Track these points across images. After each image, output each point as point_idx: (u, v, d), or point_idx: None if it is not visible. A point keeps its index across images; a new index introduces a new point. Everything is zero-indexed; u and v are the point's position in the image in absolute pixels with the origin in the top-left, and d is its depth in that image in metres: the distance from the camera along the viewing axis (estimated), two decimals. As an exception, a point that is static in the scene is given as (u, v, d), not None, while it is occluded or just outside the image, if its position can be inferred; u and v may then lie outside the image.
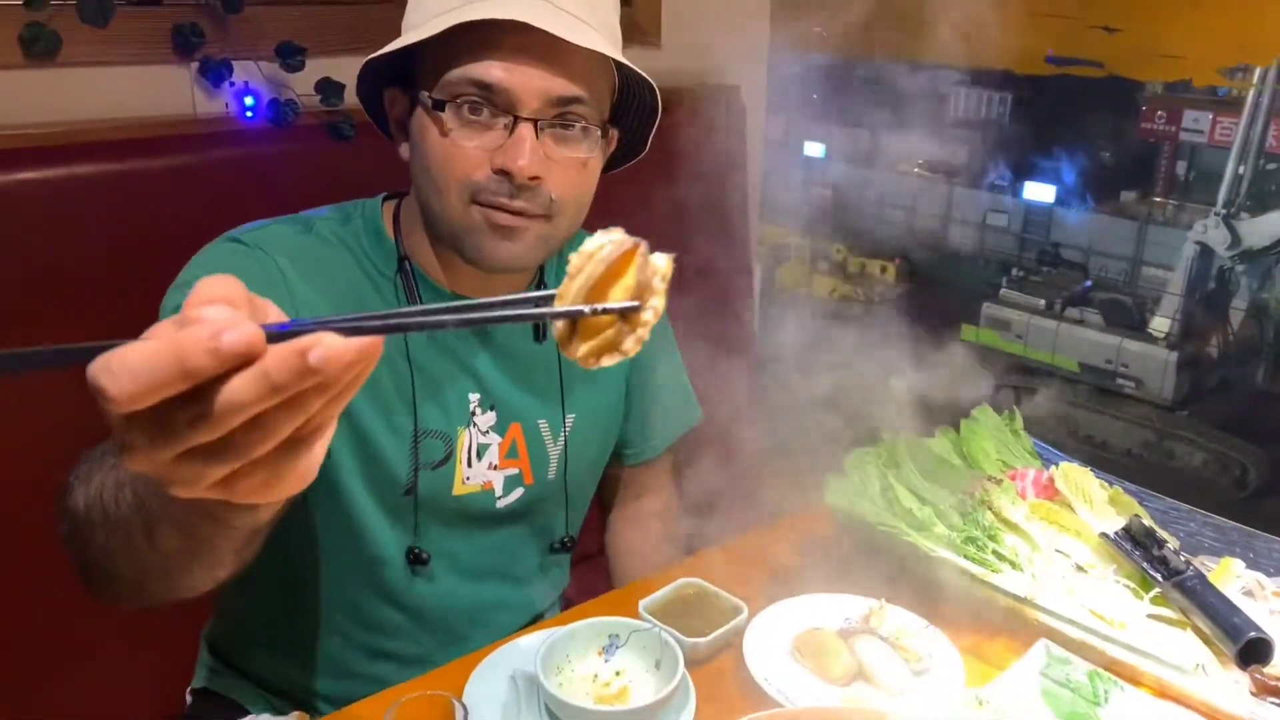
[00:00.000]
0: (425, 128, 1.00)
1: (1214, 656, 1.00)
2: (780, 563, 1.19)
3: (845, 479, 1.17)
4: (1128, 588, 1.08)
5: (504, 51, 0.96)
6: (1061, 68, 1.75)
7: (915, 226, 2.17)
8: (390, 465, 1.08)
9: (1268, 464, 1.68)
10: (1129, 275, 1.80)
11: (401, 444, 1.08)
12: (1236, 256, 1.65)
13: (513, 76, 0.96)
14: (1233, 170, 1.62)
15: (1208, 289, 1.69)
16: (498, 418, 1.14)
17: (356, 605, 1.15)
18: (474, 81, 0.96)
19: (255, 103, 1.48)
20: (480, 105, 0.97)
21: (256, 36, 1.47)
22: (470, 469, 1.13)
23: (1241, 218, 1.63)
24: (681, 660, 0.95)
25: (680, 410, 1.39)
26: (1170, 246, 1.72)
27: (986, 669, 1.03)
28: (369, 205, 1.13)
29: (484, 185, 0.98)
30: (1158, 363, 1.77)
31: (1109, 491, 1.21)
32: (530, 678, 0.97)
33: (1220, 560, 1.13)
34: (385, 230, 1.11)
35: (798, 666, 1.02)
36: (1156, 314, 1.76)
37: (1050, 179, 1.87)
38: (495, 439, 1.14)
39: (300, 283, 1.02)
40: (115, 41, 1.37)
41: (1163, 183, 1.71)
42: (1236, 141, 1.60)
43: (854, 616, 1.07)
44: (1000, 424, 1.33)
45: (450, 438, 1.11)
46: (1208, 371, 1.73)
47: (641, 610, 1.06)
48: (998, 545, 1.12)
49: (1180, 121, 1.66)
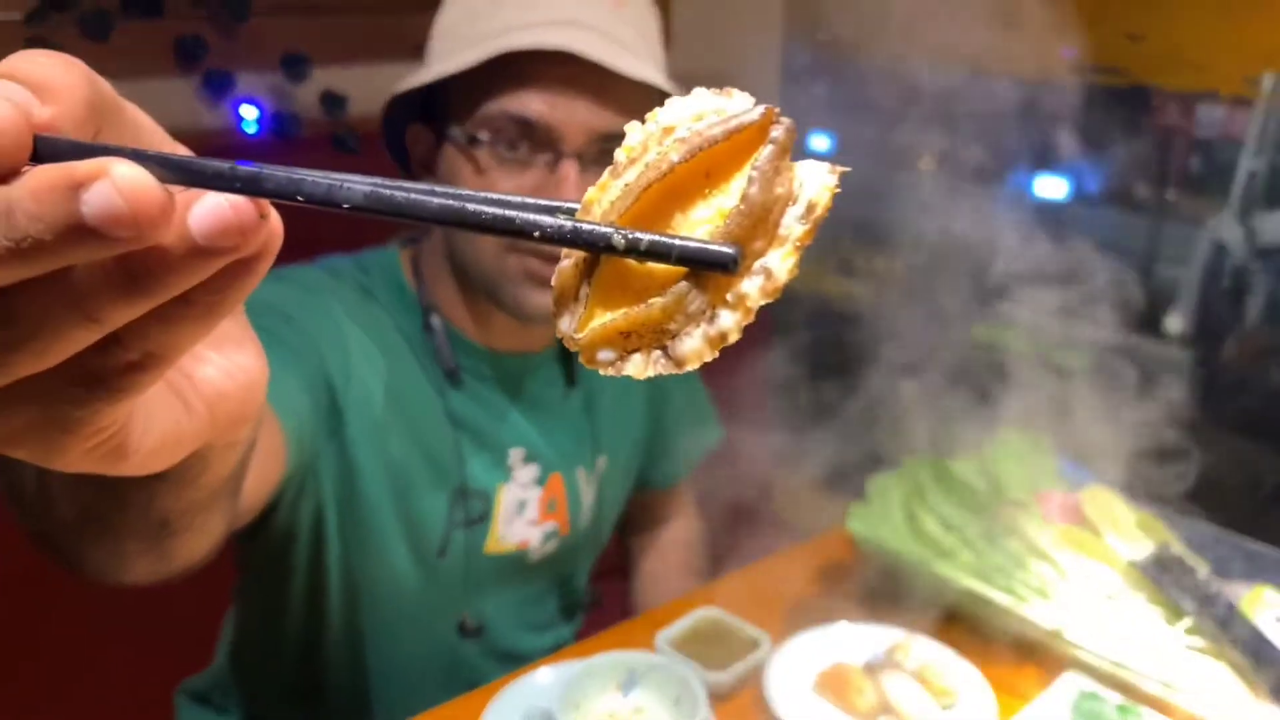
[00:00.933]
0: (456, 166, 0.93)
1: (1248, 689, 0.97)
2: (801, 591, 1.16)
3: (868, 505, 1.14)
4: (1158, 617, 1.06)
5: (545, 83, 0.88)
6: (1085, 75, 1.72)
7: (924, 223, 2.15)
8: (429, 525, 1.04)
9: (1285, 462, 1.67)
10: (1143, 272, 1.78)
11: (441, 503, 1.04)
12: (1251, 253, 1.63)
13: (555, 111, 0.89)
14: (1247, 166, 1.60)
15: (1222, 286, 1.67)
16: (540, 469, 1.11)
17: (396, 665, 1.11)
18: (512, 117, 0.89)
19: (259, 116, 1.46)
20: (518, 142, 0.90)
21: (259, 48, 1.45)
22: (509, 527, 1.10)
23: (1256, 214, 1.61)
24: (703, 697, 0.92)
25: (700, 432, 1.36)
26: (1184, 243, 1.70)
27: (1016, 702, 1.01)
28: (386, 256, 1.06)
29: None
30: (1172, 360, 1.75)
31: (1136, 515, 1.19)
32: (546, 714, 0.94)
33: (1251, 587, 1.10)
34: (406, 282, 1.05)
35: (821, 702, 1.00)
36: (1171, 311, 1.74)
37: (1063, 174, 1.85)
38: (535, 492, 1.11)
39: (349, 325, 0.96)
40: (116, 55, 1.35)
41: (1177, 179, 1.69)
42: (1251, 136, 1.58)
43: (879, 650, 1.05)
44: (1026, 445, 1.31)
45: (489, 495, 1.08)
46: (1222, 369, 1.71)
47: (659, 644, 1.03)
48: (1025, 574, 1.09)
49: (1194, 117, 1.64)
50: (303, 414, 0.88)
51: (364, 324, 1.00)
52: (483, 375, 1.07)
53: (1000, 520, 1.14)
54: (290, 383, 0.86)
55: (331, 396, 0.95)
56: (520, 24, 0.89)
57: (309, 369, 0.90)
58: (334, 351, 0.95)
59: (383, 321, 1.02)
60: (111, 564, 0.59)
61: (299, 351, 0.89)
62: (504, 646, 1.16)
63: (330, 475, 0.99)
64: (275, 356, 0.45)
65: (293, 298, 0.94)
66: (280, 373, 0.64)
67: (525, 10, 0.91)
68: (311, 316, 0.94)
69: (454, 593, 1.09)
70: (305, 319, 0.92)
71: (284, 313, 0.90)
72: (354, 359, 0.97)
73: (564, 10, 0.90)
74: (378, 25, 1.58)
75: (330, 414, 0.96)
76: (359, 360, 0.97)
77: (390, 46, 1.60)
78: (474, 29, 0.93)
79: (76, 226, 0.24)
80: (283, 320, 0.89)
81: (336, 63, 1.53)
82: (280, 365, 0.66)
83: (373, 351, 0.99)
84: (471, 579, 1.10)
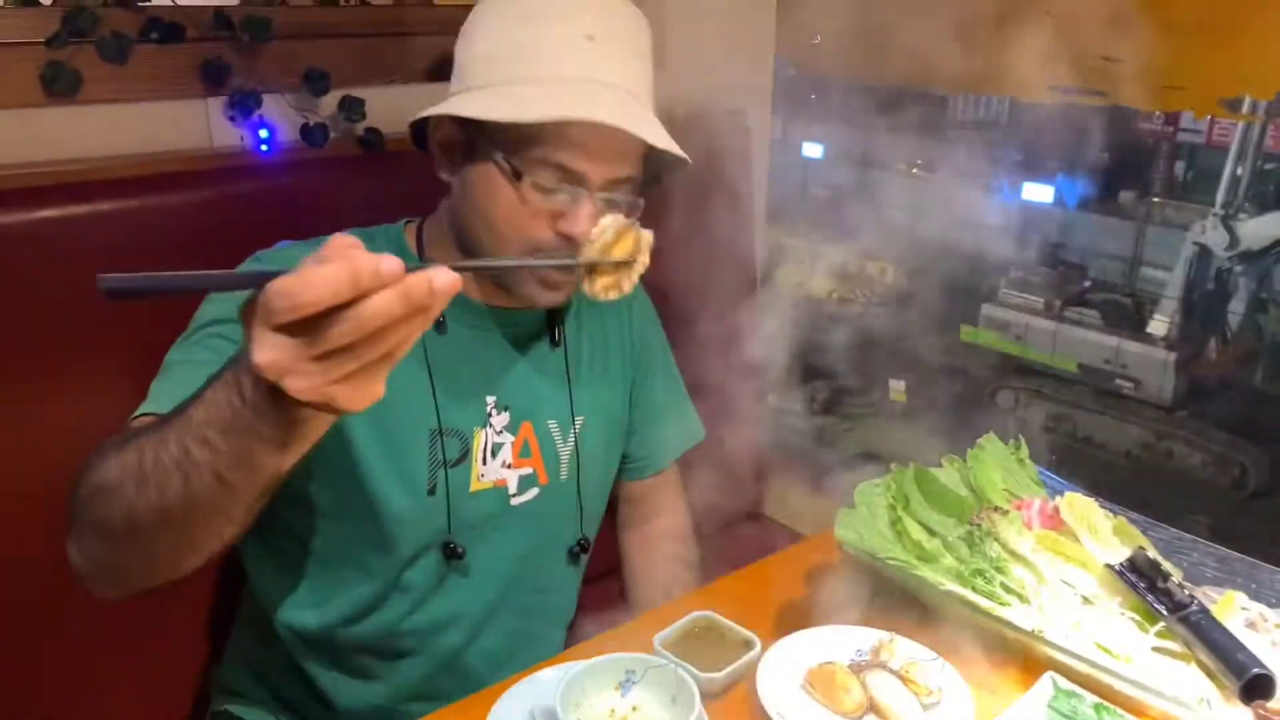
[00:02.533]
0: (496, 184, 1.06)
1: (1218, 691, 1.02)
2: (790, 595, 1.21)
3: (854, 512, 1.19)
4: (1133, 620, 1.10)
5: (587, 138, 1.03)
6: (1065, 97, 1.77)
7: (913, 227, 2.19)
8: (413, 463, 1.14)
9: (1267, 465, 1.70)
10: (1128, 276, 1.81)
11: (422, 443, 1.14)
12: (1235, 257, 1.66)
13: (591, 165, 1.05)
14: (1231, 171, 1.63)
15: (1206, 290, 1.71)
16: (511, 418, 1.20)
17: (386, 608, 1.18)
18: (558, 165, 1.04)
19: (270, 135, 1.50)
20: (558, 184, 1.05)
21: (277, 70, 1.50)
22: (485, 466, 1.19)
23: (1240, 218, 1.64)
24: (698, 696, 0.97)
25: (682, 425, 1.45)
26: (1169, 247, 1.74)
27: (995, 701, 1.05)
28: (392, 229, 1.21)
29: (544, 244, 1.07)
30: (1157, 363, 1.78)
31: (1113, 521, 1.24)
32: (549, 712, 0.99)
33: (1224, 592, 1.15)
34: (410, 249, 1.18)
35: (810, 700, 1.05)
36: (1155, 315, 1.78)
37: (1049, 180, 1.89)
38: (509, 438, 1.20)
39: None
40: (134, 78, 1.39)
41: (1161, 183, 1.73)
42: (1235, 142, 1.62)
43: (865, 650, 1.10)
44: (1006, 452, 1.36)
45: (467, 437, 1.17)
46: (1207, 372, 1.74)
47: (656, 645, 1.08)
48: (1005, 577, 1.14)
49: (1178, 122, 1.67)
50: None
51: None
52: (469, 325, 1.17)
53: (981, 526, 1.19)
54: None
55: None
56: (572, 74, 1.03)
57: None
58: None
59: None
60: (208, 542, 0.84)
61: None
62: (505, 593, 1.24)
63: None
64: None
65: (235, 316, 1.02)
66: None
67: (574, 60, 1.04)
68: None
69: (454, 531, 1.18)
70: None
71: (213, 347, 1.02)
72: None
73: (607, 66, 1.05)
74: (390, 47, 1.64)
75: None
76: None
77: (404, 67, 1.66)
78: (523, 68, 1.04)
79: (432, 293, 0.62)
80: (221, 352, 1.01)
81: (354, 83, 1.58)
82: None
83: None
84: (462, 515, 1.18)
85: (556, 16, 1.04)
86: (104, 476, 0.82)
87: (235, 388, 0.70)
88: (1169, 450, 1.80)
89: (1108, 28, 1.60)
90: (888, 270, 2.43)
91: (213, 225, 1.40)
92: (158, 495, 0.77)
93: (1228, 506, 1.77)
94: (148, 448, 0.78)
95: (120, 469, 0.80)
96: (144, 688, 1.38)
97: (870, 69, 2.10)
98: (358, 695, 1.22)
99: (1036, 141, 1.88)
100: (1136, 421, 1.84)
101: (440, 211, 1.19)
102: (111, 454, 0.83)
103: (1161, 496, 1.82)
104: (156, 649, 1.37)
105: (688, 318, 1.52)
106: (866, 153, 2.23)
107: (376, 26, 1.61)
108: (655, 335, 1.41)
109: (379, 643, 1.20)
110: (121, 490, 0.80)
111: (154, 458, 0.77)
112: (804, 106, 2.26)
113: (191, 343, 1.04)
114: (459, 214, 1.13)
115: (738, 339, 2.09)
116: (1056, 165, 1.87)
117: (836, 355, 1.91)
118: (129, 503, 0.79)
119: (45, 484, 1.26)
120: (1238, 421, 1.72)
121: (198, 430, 0.74)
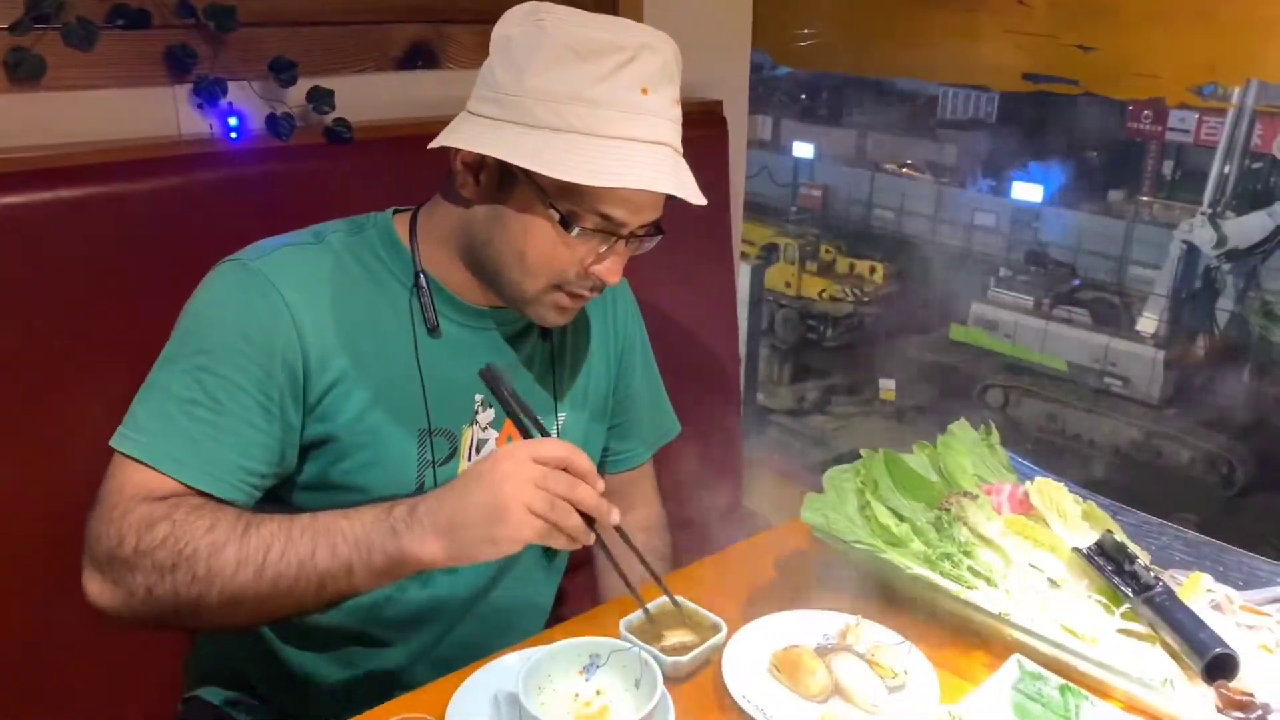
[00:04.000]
0: (538, 226, 1.08)
1: (1182, 671, 1.02)
2: (759, 580, 1.21)
3: (822, 497, 1.19)
4: (1099, 603, 1.11)
5: (635, 195, 1.06)
6: (1038, 85, 1.77)
7: (903, 226, 2.20)
8: (403, 465, 1.14)
9: (1253, 461, 1.70)
10: (1116, 274, 1.81)
11: (410, 443, 1.15)
12: (1222, 255, 1.66)
13: (633, 216, 1.08)
14: (1218, 169, 1.64)
15: (1194, 288, 1.71)
16: (496, 414, 1.21)
17: (367, 599, 1.17)
18: (604, 214, 1.06)
19: (240, 123, 1.49)
20: (599, 228, 1.08)
21: (245, 57, 1.49)
22: (470, 462, 1.19)
23: (1227, 217, 1.64)
24: (660, 679, 0.96)
25: (659, 422, 1.46)
26: (1157, 246, 1.74)
27: (962, 684, 1.05)
28: (380, 218, 1.19)
29: (573, 280, 1.10)
30: (1145, 361, 1.79)
31: (1082, 506, 1.24)
32: (512, 697, 0.98)
33: (1190, 574, 1.15)
34: (401, 242, 1.17)
35: (775, 684, 1.04)
36: (1143, 313, 1.78)
37: (1038, 178, 1.89)
38: (493, 434, 1.21)
39: (306, 312, 1.08)
40: (100, 64, 1.38)
41: (1149, 182, 1.73)
42: (1222, 141, 1.62)
43: (831, 633, 1.09)
44: (977, 439, 1.36)
45: (455, 435, 1.18)
46: (1194, 370, 1.74)
47: (622, 629, 1.08)
48: (973, 561, 1.14)
49: (1166, 121, 1.68)
50: (274, 448, 1.08)
51: (324, 295, 1.11)
52: (461, 324, 1.18)
53: (950, 510, 1.19)
54: (255, 436, 1.06)
55: (293, 377, 1.08)
56: (632, 135, 1.04)
57: (260, 411, 1.07)
58: (289, 343, 1.07)
59: (359, 282, 1.14)
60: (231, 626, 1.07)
61: (242, 408, 1.06)
62: (481, 583, 1.24)
63: (307, 433, 1.11)
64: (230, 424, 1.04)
65: (245, 301, 1.07)
66: (246, 430, 1.05)
67: (634, 121, 1.04)
68: (264, 315, 1.07)
69: None
70: (233, 359, 1.06)
71: (211, 396, 1.05)
72: (314, 332, 1.08)
73: (660, 126, 1.06)
74: (361, 35, 1.63)
75: (296, 391, 1.09)
76: (321, 329, 1.09)
77: (373, 56, 1.65)
78: (582, 120, 1.03)
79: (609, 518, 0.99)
80: (213, 401, 1.05)
81: (322, 72, 1.57)
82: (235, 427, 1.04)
83: (329, 325, 1.10)
84: None
85: (615, 64, 1.03)
86: (215, 560, 0.96)
87: (388, 514, 0.97)
88: (1157, 448, 1.81)
89: (1079, 16, 1.61)
90: (878, 269, 2.44)
91: (180, 213, 1.39)
92: (270, 586, 0.96)
93: (1215, 503, 1.78)
94: (274, 547, 0.97)
95: (238, 559, 0.96)
96: (118, 671, 1.37)
97: (851, 61, 2.11)
98: (333, 678, 1.22)
99: (1025, 140, 1.88)
100: (1125, 419, 1.84)
101: (440, 213, 1.16)
102: (230, 544, 0.97)
103: (1149, 493, 1.82)
104: (131, 633, 1.36)
105: (667, 312, 1.52)
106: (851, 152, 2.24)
107: (347, 14, 1.60)
108: (638, 331, 1.41)
109: (358, 631, 1.20)
110: (232, 574, 0.96)
111: (280, 553, 0.96)
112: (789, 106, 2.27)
113: (180, 371, 1.05)
114: (478, 237, 1.12)
115: (718, 335, 2.10)
116: (1045, 164, 1.88)
117: (826, 354, 1.91)
118: (238, 584, 0.96)
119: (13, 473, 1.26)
120: (1225, 419, 1.72)
121: (332, 540, 0.96)
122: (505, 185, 1.08)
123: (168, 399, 1.04)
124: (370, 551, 0.96)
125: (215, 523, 0.98)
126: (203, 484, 1.03)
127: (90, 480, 1.03)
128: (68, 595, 1.01)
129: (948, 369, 2.16)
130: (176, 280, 1.10)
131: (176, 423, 1.03)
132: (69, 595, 1.00)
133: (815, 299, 2.57)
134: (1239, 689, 0.98)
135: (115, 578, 0.99)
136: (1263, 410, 1.67)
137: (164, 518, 0.98)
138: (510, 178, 1.07)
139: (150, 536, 0.97)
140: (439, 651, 1.23)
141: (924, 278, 2.20)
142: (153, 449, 1.03)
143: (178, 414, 1.03)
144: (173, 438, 1.03)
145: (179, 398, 1.04)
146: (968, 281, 2.06)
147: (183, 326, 1.08)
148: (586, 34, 1.03)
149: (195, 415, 1.03)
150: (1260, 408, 1.67)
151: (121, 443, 1.03)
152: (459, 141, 1.06)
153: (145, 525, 0.98)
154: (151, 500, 1.00)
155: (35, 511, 1.29)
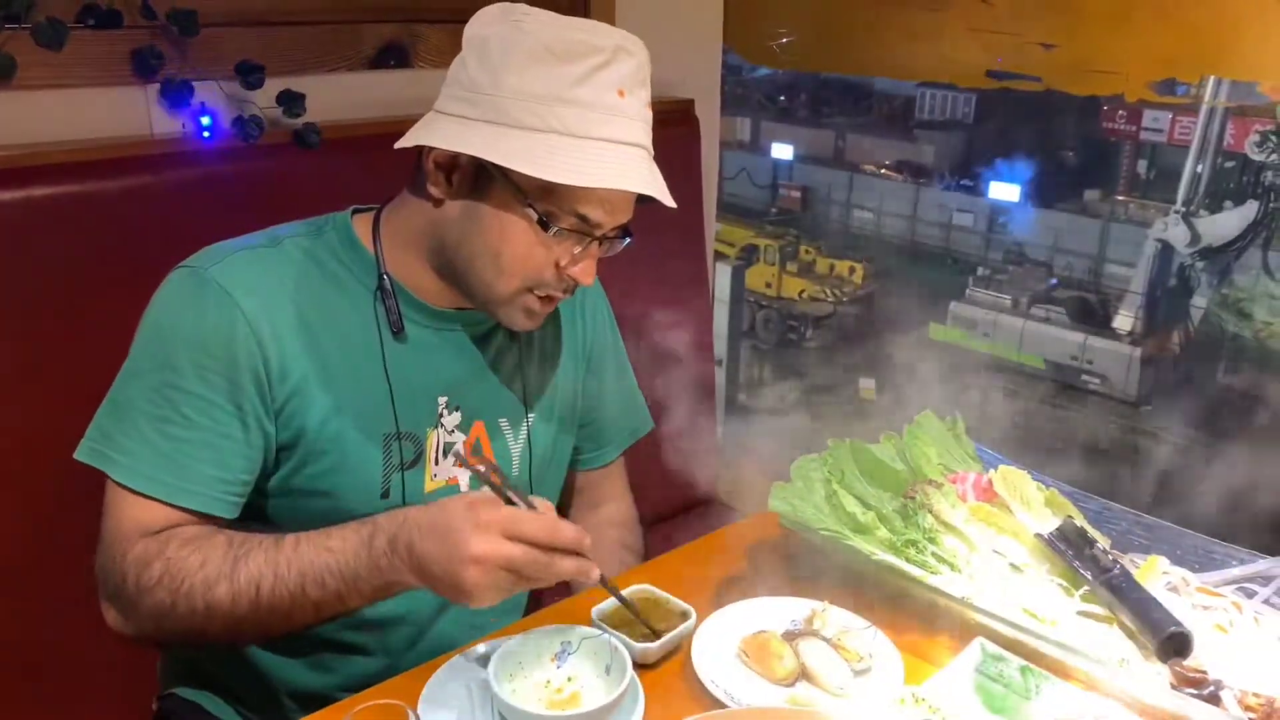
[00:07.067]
0: (514, 226, 1.07)
1: (1138, 651, 1.05)
2: (729, 568, 1.22)
3: (790, 485, 1.21)
4: (1060, 586, 1.13)
5: (612, 196, 1.07)
6: (1002, 82, 1.80)
7: (882, 227, 2.21)
8: (369, 469, 1.14)
9: (1226, 454, 1.72)
10: (1093, 273, 1.84)
11: (376, 448, 1.14)
12: (1196, 253, 1.69)
13: (608, 217, 1.08)
14: (1192, 168, 1.66)
15: (1169, 286, 1.74)
16: (462, 417, 1.20)
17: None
18: (581, 215, 1.06)
19: (212, 122, 1.50)
20: (576, 228, 1.08)
21: (214, 58, 1.49)
22: (437, 466, 1.19)
23: (1201, 215, 1.67)
24: (630, 664, 0.98)
25: (631, 418, 1.45)
26: (1133, 244, 1.76)
27: (926, 667, 1.08)
28: (339, 219, 1.17)
29: (547, 282, 1.10)
30: (1121, 359, 1.81)
31: (1045, 493, 1.26)
32: (484, 685, 1.00)
33: (1148, 558, 1.18)
34: (361, 243, 1.15)
35: (743, 668, 1.06)
36: (1120, 311, 1.80)
37: (1014, 178, 1.92)
38: (460, 437, 1.20)
39: (264, 317, 1.08)
40: (71, 64, 1.38)
41: (1125, 181, 1.76)
42: (1195, 140, 1.65)
43: (798, 619, 1.11)
44: (943, 429, 1.38)
45: (420, 439, 1.17)
46: (1170, 367, 1.77)
47: (594, 617, 1.09)
48: (937, 547, 1.16)
49: (1141, 121, 1.70)
50: (254, 455, 1.09)
51: (282, 301, 1.10)
52: (426, 327, 1.17)
53: (915, 498, 1.21)
54: (231, 446, 1.08)
55: (259, 385, 1.08)
56: (610, 136, 1.04)
57: (235, 422, 1.08)
58: (250, 352, 1.07)
59: (319, 286, 1.13)
60: (235, 643, 1.16)
61: (215, 421, 1.07)
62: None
63: (276, 435, 1.11)
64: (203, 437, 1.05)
65: (199, 310, 1.07)
66: (221, 442, 1.06)
67: (610, 123, 1.04)
68: (222, 326, 1.06)
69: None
70: (198, 373, 1.06)
71: (180, 413, 1.06)
72: (273, 338, 1.08)
73: (635, 127, 1.06)
74: (333, 35, 1.64)
75: (264, 397, 1.09)
76: (279, 334, 1.08)
77: (345, 55, 1.66)
78: (560, 120, 1.02)
79: (590, 577, 0.99)
80: (184, 418, 1.06)
81: (290, 73, 1.57)
82: (209, 440, 1.05)
83: (287, 331, 1.09)
84: None
85: (593, 65, 1.03)
86: (210, 596, 1.01)
87: (368, 547, 1.00)
88: (1134, 445, 1.83)
89: (1041, 14, 1.63)
90: (857, 269, 2.46)
91: (153, 212, 1.39)
92: (268, 614, 1.01)
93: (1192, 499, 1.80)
94: (264, 582, 1.01)
95: (232, 594, 1.01)
96: (94, 672, 1.37)
97: (820, 60, 2.13)
98: (307, 682, 1.22)
99: (1002, 140, 1.91)
100: (1102, 416, 1.87)
101: (407, 213, 1.14)
102: (221, 582, 1.01)
103: (1127, 489, 1.85)
104: (108, 633, 1.37)
105: (641, 311, 1.53)
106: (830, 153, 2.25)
107: (319, 13, 1.61)
108: (609, 329, 1.41)
109: (332, 636, 1.19)
110: (230, 608, 1.01)
111: (271, 588, 1.01)
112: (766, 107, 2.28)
113: (148, 388, 1.05)
114: (450, 238, 1.10)
115: (693, 331, 2.11)
116: (1022, 164, 1.90)
117: (807, 354, 1.92)
118: (237, 616, 1.01)
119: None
120: (1202, 415, 1.75)
121: (319, 574, 1.00)
122: (480, 185, 1.06)
123: (140, 416, 1.05)
124: (357, 582, 1.00)
125: (206, 559, 1.02)
126: (185, 501, 1.05)
127: (59, 480, 1.05)
128: (43, 594, 1.02)
129: (927, 368, 2.18)
130: (150, 279, 1.10)
131: (152, 442, 1.04)
132: (44, 594, 1.01)
133: (796, 299, 2.59)
134: (1193, 667, 1.01)
135: (125, 611, 1.05)
136: (1234, 405, 1.70)
137: (157, 555, 1.02)
138: (486, 177, 1.05)
139: (147, 575, 1.01)
140: (414, 654, 1.23)
141: (903, 278, 2.22)
142: (134, 471, 1.04)
143: (151, 433, 1.04)
144: (151, 458, 1.04)
145: (151, 415, 1.05)
146: (947, 281, 2.09)
147: (142, 338, 1.08)
148: (565, 35, 1.03)
149: (168, 433, 1.04)
150: (1232, 402, 1.70)
151: (99, 460, 1.05)
152: (433, 140, 1.04)
153: (142, 564, 1.02)
154: (146, 536, 1.03)
155: (5, 512, 1.29)
